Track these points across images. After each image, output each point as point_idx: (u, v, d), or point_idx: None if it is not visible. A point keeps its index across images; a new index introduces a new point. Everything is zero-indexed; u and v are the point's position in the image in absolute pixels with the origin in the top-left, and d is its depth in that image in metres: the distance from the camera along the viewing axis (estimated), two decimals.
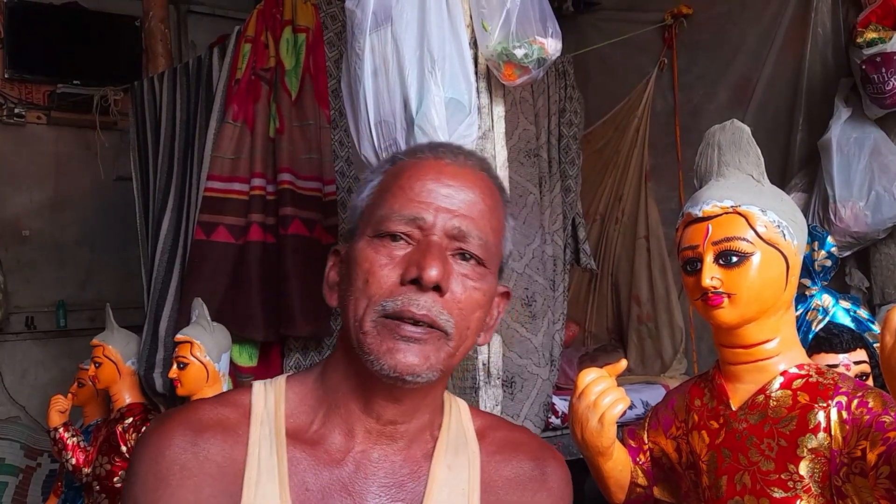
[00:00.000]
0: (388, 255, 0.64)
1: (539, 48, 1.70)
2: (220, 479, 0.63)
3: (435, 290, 0.62)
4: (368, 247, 0.65)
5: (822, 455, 0.99)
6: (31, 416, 3.68)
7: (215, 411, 0.66)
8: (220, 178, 2.33)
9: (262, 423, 0.65)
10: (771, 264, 1.04)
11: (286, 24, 2.35)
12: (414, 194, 0.65)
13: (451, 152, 0.69)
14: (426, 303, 0.62)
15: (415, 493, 0.66)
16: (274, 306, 2.24)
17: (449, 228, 0.64)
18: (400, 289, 0.62)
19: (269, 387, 0.68)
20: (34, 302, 3.83)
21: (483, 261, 0.66)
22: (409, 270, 0.62)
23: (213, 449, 0.63)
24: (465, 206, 0.65)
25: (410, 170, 0.67)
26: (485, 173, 0.69)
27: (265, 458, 0.64)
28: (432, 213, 0.64)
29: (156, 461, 0.63)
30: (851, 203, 2.34)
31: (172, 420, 0.65)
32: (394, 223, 0.64)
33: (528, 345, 2.45)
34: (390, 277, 0.63)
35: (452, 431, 0.70)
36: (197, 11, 4.22)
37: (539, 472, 0.70)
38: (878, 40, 2.28)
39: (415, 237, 0.64)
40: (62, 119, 3.84)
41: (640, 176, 3.27)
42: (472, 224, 0.65)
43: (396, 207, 0.65)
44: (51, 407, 2.39)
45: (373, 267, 0.63)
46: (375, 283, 0.63)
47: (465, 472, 0.68)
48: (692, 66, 3.11)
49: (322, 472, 0.64)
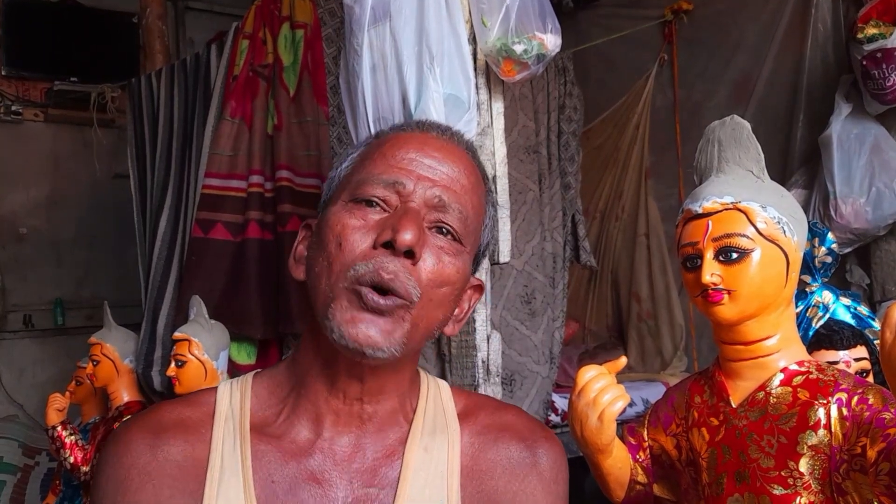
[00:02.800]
0: (363, 219, 0.61)
1: (538, 44, 1.69)
2: (181, 479, 0.61)
3: (407, 256, 0.60)
4: (343, 210, 0.63)
5: (823, 452, 0.98)
6: (29, 414, 3.68)
7: (176, 412, 0.65)
8: (218, 175, 2.33)
9: (225, 421, 0.64)
10: (771, 261, 1.04)
11: (284, 21, 2.34)
12: (395, 161, 0.63)
13: (439, 128, 0.67)
14: (395, 267, 0.59)
15: (389, 478, 0.63)
16: (272, 304, 2.24)
17: (429, 197, 0.62)
18: (372, 252, 0.60)
19: (235, 385, 0.67)
20: (32, 300, 3.82)
21: (460, 237, 0.63)
22: (384, 233, 0.60)
23: (172, 450, 0.62)
24: (447, 178, 0.64)
25: (394, 140, 0.66)
26: (470, 155, 0.67)
27: (228, 455, 0.62)
28: (413, 180, 0.62)
29: (115, 468, 0.62)
30: (852, 199, 2.33)
31: (132, 425, 0.64)
32: (371, 187, 0.62)
33: (528, 342, 2.44)
34: (364, 241, 0.61)
35: (429, 413, 0.67)
36: (194, 8, 4.21)
37: (529, 455, 0.67)
38: (878, 36, 2.27)
39: (392, 203, 0.62)
40: (59, 116, 3.84)
41: (640, 173, 3.26)
42: (454, 196, 0.63)
43: (376, 172, 0.63)
44: (49, 405, 2.39)
45: (345, 230, 0.61)
46: (348, 247, 0.60)
47: (443, 454, 0.65)
48: (692, 62, 3.10)
49: (289, 464, 0.63)
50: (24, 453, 3.52)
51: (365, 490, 0.63)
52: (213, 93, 2.42)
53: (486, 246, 0.69)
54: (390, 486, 0.63)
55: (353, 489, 0.62)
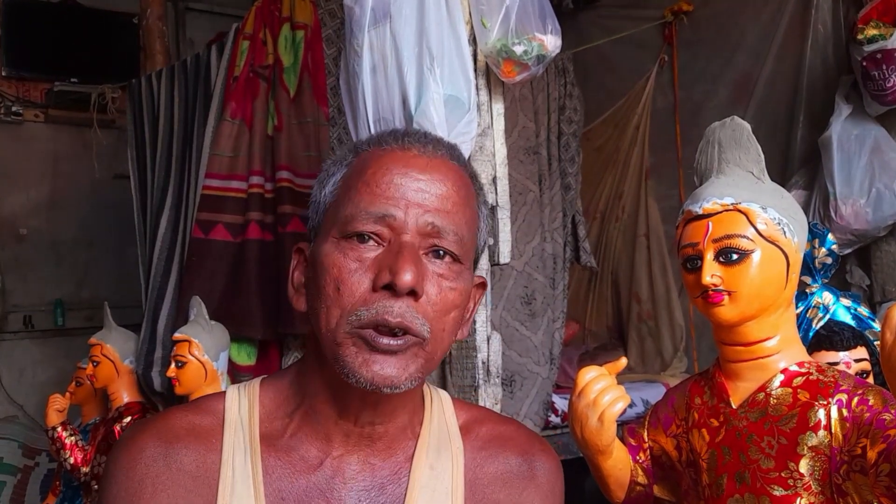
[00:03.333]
0: (358, 259, 0.60)
1: (538, 45, 1.69)
2: (194, 490, 0.61)
3: (409, 294, 0.59)
4: (336, 250, 0.61)
5: (823, 453, 0.98)
6: (30, 415, 3.68)
7: (187, 419, 0.64)
8: (219, 176, 2.33)
9: (235, 430, 0.64)
10: (771, 262, 1.03)
11: (284, 21, 2.35)
12: (381, 190, 0.61)
13: (419, 142, 0.64)
14: (400, 309, 0.58)
15: (396, 496, 0.64)
16: (272, 304, 2.23)
17: (422, 225, 0.61)
18: (373, 296, 0.59)
19: (243, 391, 0.67)
20: (32, 301, 3.82)
21: (458, 257, 0.62)
22: (382, 275, 0.59)
23: (185, 459, 0.62)
24: (437, 200, 0.61)
25: (376, 163, 0.63)
26: (455, 162, 0.65)
27: (239, 466, 0.62)
28: (402, 210, 0.60)
29: (127, 476, 0.61)
30: (852, 200, 2.33)
31: (143, 431, 0.64)
32: (361, 222, 0.60)
33: (528, 343, 2.44)
34: (362, 284, 0.59)
35: (434, 429, 0.68)
36: (195, 9, 4.21)
37: (527, 468, 0.69)
38: (878, 37, 2.27)
39: (384, 237, 0.61)
40: (60, 117, 3.84)
41: (641, 174, 3.26)
42: (447, 219, 0.61)
43: (363, 205, 0.61)
44: (49, 406, 2.39)
45: (342, 273, 0.60)
46: (347, 291, 0.59)
47: (447, 472, 0.66)
48: (692, 63, 3.10)
49: (298, 480, 0.63)
50: (25, 454, 3.52)
51: None
52: (214, 93, 2.42)
53: (483, 246, 0.69)
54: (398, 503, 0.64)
55: None
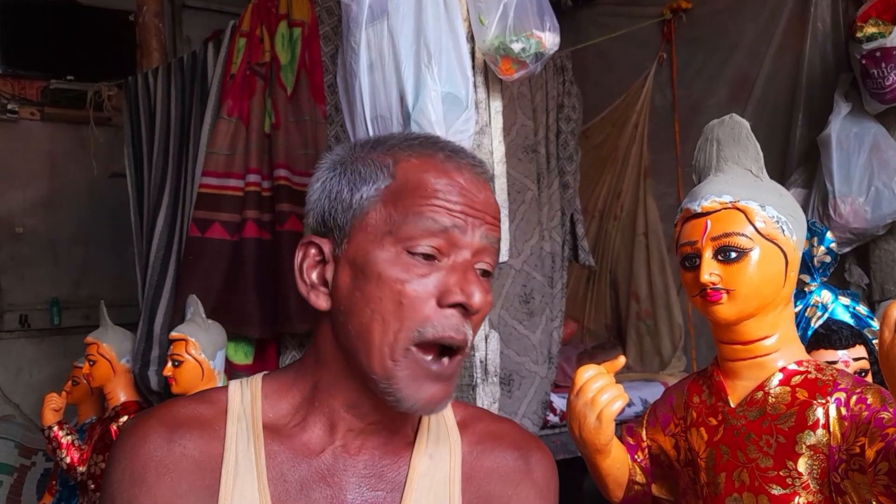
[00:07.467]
0: (422, 275, 0.61)
1: (537, 42, 1.68)
2: (197, 475, 0.63)
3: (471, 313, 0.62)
4: (397, 262, 0.61)
5: (821, 452, 0.98)
6: (26, 414, 3.67)
7: (191, 408, 0.66)
8: (216, 174, 2.32)
9: (238, 419, 0.65)
10: (770, 260, 1.03)
11: (281, 19, 2.34)
12: (442, 200, 0.62)
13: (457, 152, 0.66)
14: (464, 327, 0.61)
15: (395, 483, 0.66)
16: (270, 303, 2.23)
17: (479, 240, 0.62)
18: (439, 312, 0.61)
19: (245, 385, 0.68)
20: (28, 300, 3.81)
21: (494, 268, 0.65)
22: (452, 294, 0.61)
23: (189, 445, 0.63)
24: (484, 209, 0.64)
25: (427, 173, 0.63)
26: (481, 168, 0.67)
27: (242, 453, 0.64)
28: (467, 224, 0.62)
29: (131, 460, 0.63)
30: (851, 199, 2.33)
31: (148, 418, 0.65)
32: (427, 237, 0.61)
33: (526, 342, 2.44)
34: (428, 300, 0.61)
35: (433, 421, 0.70)
36: (191, 6, 4.20)
37: (523, 463, 0.70)
38: (877, 35, 2.26)
39: (444, 250, 0.62)
40: (56, 115, 3.83)
41: (639, 172, 3.26)
42: (492, 230, 0.64)
43: (428, 213, 0.61)
44: (45, 405, 2.38)
45: (405, 288, 0.60)
46: (410, 305, 0.60)
47: (446, 461, 0.68)
48: (691, 61, 3.10)
49: (300, 464, 0.64)
50: (21, 453, 3.51)
51: (373, 493, 0.65)
52: (210, 91, 2.41)
53: None
54: (397, 490, 0.66)
55: (361, 492, 0.65)
